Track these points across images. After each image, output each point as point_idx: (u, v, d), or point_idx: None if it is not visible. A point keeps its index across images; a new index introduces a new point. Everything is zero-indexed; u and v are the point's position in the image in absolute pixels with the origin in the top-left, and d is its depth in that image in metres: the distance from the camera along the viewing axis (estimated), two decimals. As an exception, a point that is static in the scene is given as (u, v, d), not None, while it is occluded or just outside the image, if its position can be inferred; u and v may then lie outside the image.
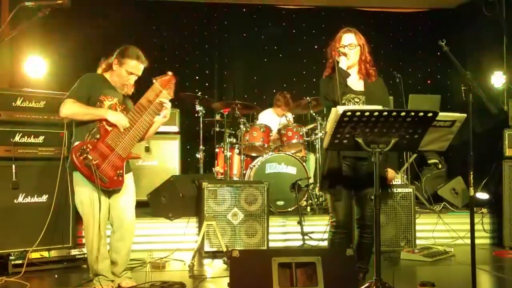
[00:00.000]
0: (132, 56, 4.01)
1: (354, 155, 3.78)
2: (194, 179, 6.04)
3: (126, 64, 4.01)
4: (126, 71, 4.02)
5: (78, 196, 3.99)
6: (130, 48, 4.06)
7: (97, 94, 3.98)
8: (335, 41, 3.94)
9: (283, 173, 6.46)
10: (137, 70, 4.06)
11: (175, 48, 8.21)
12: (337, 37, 3.95)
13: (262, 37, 8.50)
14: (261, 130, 6.75)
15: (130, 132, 3.95)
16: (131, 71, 4.04)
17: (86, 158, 3.75)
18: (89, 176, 3.77)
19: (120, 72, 4.04)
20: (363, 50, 3.95)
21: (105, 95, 4.00)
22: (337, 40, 3.93)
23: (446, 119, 3.34)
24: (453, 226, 6.14)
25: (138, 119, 3.97)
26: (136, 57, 4.02)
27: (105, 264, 4.05)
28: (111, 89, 4.08)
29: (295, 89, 8.11)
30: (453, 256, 5.43)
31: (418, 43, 8.33)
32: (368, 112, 3.26)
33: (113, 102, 4.03)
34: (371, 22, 8.55)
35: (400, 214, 5.67)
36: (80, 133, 3.97)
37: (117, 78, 4.07)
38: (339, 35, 3.95)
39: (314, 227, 5.97)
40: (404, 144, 3.47)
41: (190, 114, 7.18)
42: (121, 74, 4.04)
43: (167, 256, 5.30)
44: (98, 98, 3.97)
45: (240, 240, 5.42)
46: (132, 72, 4.04)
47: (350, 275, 3.09)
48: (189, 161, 7.66)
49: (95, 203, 3.90)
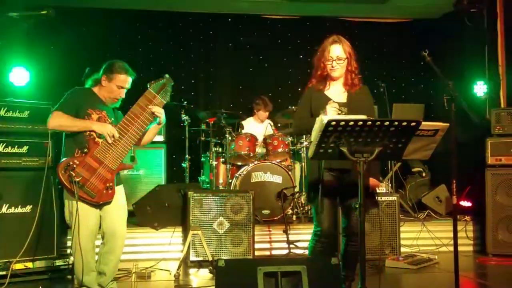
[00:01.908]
0: (121, 71, 4.05)
1: (338, 167, 3.77)
2: (179, 188, 6.02)
3: (115, 79, 4.04)
4: (116, 85, 4.06)
5: (67, 207, 3.99)
6: (117, 62, 4.09)
7: (86, 107, 4.00)
8: (324, 51, 3.88)
9: (269, 182, 6.47)
10: (127, 83, 4.10)
11: (161, 57, 8.20)
12: (325, 47, 3.88)
13: (247, 46, 8.53)
14: (247, 139, 6.76)
15: (121, 142, 3.94)
16: (121, 85, 4.07)
17: (70, 175, 3.74)
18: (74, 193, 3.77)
19: (111, 87, 4.07)
20: (350, 61, 3.92)
21: (93, 109, 4.02)
22: (326, 51, 3.87)
23: (429, 129, 3.38)
24: (437, 233, 6.19)
25: (129, 129, 3.96)
26: (124, 71, 4.06)
27: (91, 276, 4.04)
28: (100, 103, 4.11)
29: (281, 98, 8.17)
30: (437, 264, 5.46)
31: (402, 52, 8.40)
32: (353, 121, 3.29)
33: (101, 115, 4.04)
34: (355, 32, 8.60)
35: (385, 222, 5.70)
36: (69, 146, 3.98)
37: (107, 93, 4.10)
38: (327, 46, 3.87)
39: (300, 236, 5.98)
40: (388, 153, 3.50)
41: (176, 124, 7.17)
42: (111, 89, 4.07)
43: (153, 266, 5.29)
44: (86, 112, 3.98)
45: (226, 249, 5.41)
46: (122, 86, 4.08)
47: (335, 284, 3.10)
48: (175, 170, 7.64)
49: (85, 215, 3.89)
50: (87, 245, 3.96)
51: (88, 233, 3.95)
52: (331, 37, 3.92)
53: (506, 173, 5.90)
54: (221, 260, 3.14)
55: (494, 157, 5.98)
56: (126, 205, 4.20)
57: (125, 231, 4.18)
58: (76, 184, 3.75)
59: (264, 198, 6.30)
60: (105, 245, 4.11)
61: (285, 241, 5.73)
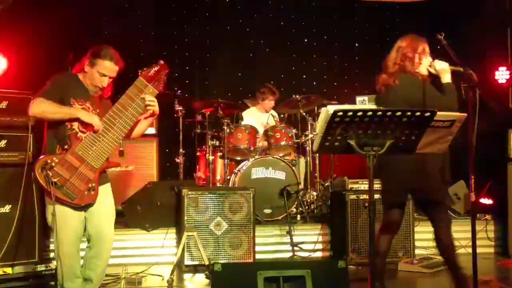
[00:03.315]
0: (105, 57, 3.97)
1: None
2: (173, 186, 6.02)
3: (98, 65, 3.97)
4: (98, 72, 3.97)
5: (49, 209, 3.95)
6: (103, 48, 4.02)
7: (68, 96, 3.94)
8: (420, 49, 4.20)
9: (271, 179, 6.48)
10: (110, 71, 4.01)
11: (152, 42, 8.19)
12: (420, 44, 4.22)
13: (247, 29, 8.53)
14: (247, 131, 6.76)
15: (106, 137, 3.87)
16: (103, 73, 3.98)
17: (47, 175, 3.70)
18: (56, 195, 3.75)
19: (92, 73, 3.99)
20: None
21: (75, 99, 3.96)
22: (422, 49, 4.20)
23: (444, 119, 3.38)
24: (455, 234, 6.07)
25: (116, 122, 3.90)
26: (109, 58, 3.97)
27: (76, 283, 4.02)
28: (84, 91, 4.04)
29: (284, 86, 8.15)
30: (455, 267, 5.48)
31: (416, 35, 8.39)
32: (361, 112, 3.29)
33: (85, 106, 3.99)
34: (365, 14, 8.61)
35: (398, 222, 5.72)
36: (50, 142, 3.95)
37: (89, 80, 4.03)
38: (422, 44, 4.22)
39: (304, 237, 6.01)
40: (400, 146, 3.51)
41: (169, 115, 7.17)
42: (93, 75, 3.99)
43: (144, 271, 5.29)
44: (68, 102, 3.93)
45: (224, 252, 5.42)
46: (104, 73, 3.98)
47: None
48: (168, 166, 7.65)
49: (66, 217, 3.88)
50: (71, 250, 3.95)
51: (71, 238, 3.93)
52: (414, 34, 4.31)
53: (530, 168, 5.91)
54: (218, 264, 3.15)
55: (517, 150, 6.00)
56: (113, 205, 4.18)
57: (113, 234, 4.16)
58: (54, 185, 3.70)
59: (266, 196, 6.31)
60: (91, 249, 4.09)
61: (289, 243, 5.75)
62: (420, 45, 4.20)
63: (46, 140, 4.01)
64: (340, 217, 5.74)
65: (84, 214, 3.99)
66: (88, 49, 4.07)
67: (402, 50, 4.27)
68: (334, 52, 8.68)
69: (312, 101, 7.12)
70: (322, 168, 7.08)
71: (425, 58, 4.16)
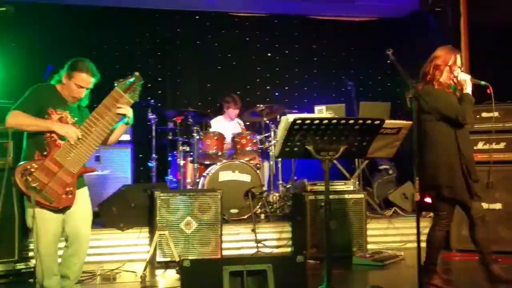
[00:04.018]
0: (82, 69, 3.94)
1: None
2: (146, 188, 5.97)
3: (75, 77, 3.94)
4: (75, 84, 3.94)
5: (29, 212, 3.88)
6: (80, 61, 3.99)
7: (46, 106, 3.89)
8: (449, 60, 4.17)
9: (237, 181, 6.48)
10: (87, 83, 3.98)
11: (127, 55, 8.12)
12: (451, 56, 4.19)
13: (215, 44, 8.51)
14: (215, 138, 6.77)
15: (83, 144, 3.83)
16: (80, 84, 3.95)
17: (27, 180, 3.66)
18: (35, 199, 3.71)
19: (70, 85, 3.96)
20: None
21: (54, 108, 3.90)
22: (454, 60, 4.17)
23: (392, 127, 3.46)
24: (403, 230, 6.29)
25: (92, 130, 3.86)
26: (85, 70, 3.94)
27: (53, 280, 3.96)
28: (62, 101, 3.99)
29: (249, 97, 8.18)
30: (403, 260, 5.54)
31: (369, 51, 8.47)
32: (318, 120, 3.34)
33: (63, 115, 3.94)
34: (323, 30, 8.70)
35: (352, 220, 5.78)
36: (29, 148, 3.90)
37: (67, 91, 3.99)
38: (454, 56, 4.20)
39: (268, 235, 6.02)
40: (353, 151, 3.57)
41: (143, 123, 7.12)
42: (70, 87, 3.96)
43: (118, 268, 5.22)
44: (46, 111, 3.88)
45: (194, 249, 5.40)
46: (81, 85, 3.96)
47: (299, 282, 3.13)
48: (142, 170, 7.59)
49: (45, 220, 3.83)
50: (49, 249, 3.89)
51: (50, 238, 3.88)
52: (448, 46, 4.32)
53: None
54: (186, 260, 3.15)
55: (458, 154, 6.10)
56: (90, 207, 4.13)
57: (89, 234, 4.12)
58: (33, 190, 3.66)
59: (232, 197, 6.29)
60: (68, 248, 4.04)
61: (254, 240, 5.76)
62: (452, 57, 4.20)
63: (26, 146, 3.95)
64: (300, 216, 5.77)
65: (62, 216, 3.94)
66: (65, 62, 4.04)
67: (435, 60, 4.26)
68: (294, 65, 8.74)
69: (275, 110, 7.18)
70: (284, 171, 7.11)
71: (455, 69, 4.17)
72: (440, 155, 4.16)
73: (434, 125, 4.17)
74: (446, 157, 4.13)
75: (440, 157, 4.16)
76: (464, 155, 4.11)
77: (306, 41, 8.70)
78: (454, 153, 4.11)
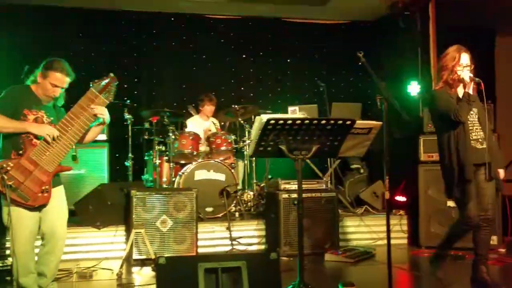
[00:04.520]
0: (56, 69, 3.92)
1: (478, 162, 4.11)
2: (122, 187, 5.93)
3: (49, 77, 3.92)
4: (50, 83, 3.92)
5: (5, 210, 3.86)
6: (55, 61, 3.97)
7: (21, 107, 3.87)
8: (454, 59, 4.12)
9: (212, 180, 6.47)
10: (61, 82, 3.95)
11: (103, 56, 8.04)
12: (455, 55, 4.13)
13: (190, 46, 8.48)
14: (190, 138, 6.74)
15: (59, 143, 3.83)
16: (55, 84, 3.93)
17: (3, 178, 3.63)
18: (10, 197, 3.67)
19: (45, 84, 3.94)
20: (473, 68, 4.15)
21: (29, 109, 3.88)
22: (457, 59, 4.11)
23: (363, 127, 3.49)
24: (374, 227, 6.36)
25: (68, 129, 3.86)
26: (60, 70, 3.93)
27: (30, 278, 3.93)
28: (37, 102, 3.97)
29: (224, 97, 8.15)
30: (374, 256, 5.62)
31: (341, 53, 8.50)
32: (291, 120, 3.36)
33: (39, 115, 3.91)
34: (296, 33, 8.73)
35: (325, 218, 5.82)
36: (5, 148, 3.87)
37: (42, 90, 3.96)
38: (457, 54, 4.13)
39: (242, 232, 6.04)
40: (325, 150, 3.60)
41: (119, 122, 7.05)
42: (45, 87, 3.94)
43: (95, 265, 5.20)
44: (22, 113, 3.85)
45: (169, 247, 5.37)
46: (56, 84, 3.93)
47: (273, 278, 3.14)
48: (118, 169, 7.51)
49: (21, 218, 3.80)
50: (26, 247, 3.87)
51: (26, 236, 3.85)
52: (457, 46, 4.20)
53: (437, 169, 6.01)
54: (162, 258, 3.13)
55: (426, 154, 6.19)
56: (66, 206, 4.11)
57: (65, 232, 4.10)
58: (9, 188, 3.64)
59: (208, 196, 6.28)
60: (45, 246, 4.02)
61: (228, 238, 5.76)
62: (456, 56, 4.16)
63: (2, 146, 3.91)
64: (273, 214, 5.78)
65: (39, 214, 3.91)
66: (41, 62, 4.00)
67: (441, 60, 4.25)
68: (268, 67, 8.76)
69: (249, 110, 7.18)
70: (258, 170, 7.13)
71: (457, 68, 4.13)
72: (442, 155, 4.24)
73: (438, 126, 4.28)
74: (446, 157, 4.17)
75: (442, 157, 4.24)
76: (460, 155, 4.09)
77: (280, 43, 8.73)
78: (453, 152, 4.11)
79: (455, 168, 4.09)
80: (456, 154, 4.09)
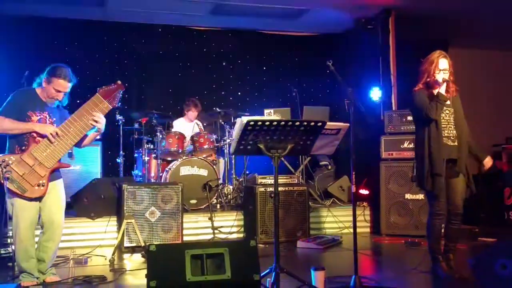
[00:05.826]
0: (59, 76, 3.92)
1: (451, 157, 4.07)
2: (114, 181, 5.89)
3: (53, 82, 3.92)
4: (53, 88, 3.93)
5: (9, 200, 3.86)
6: (59, 67, 3.96)
7: (26, 110, 3.87)
8: (433, 63, 4.07)
9: (196, 175, 6.45)
10: (64, 88, 3.96)
11: (96, 63, 7.93)
12: (434, 60, 4.08)
13: (176, 54, 8.44)
14: (176, 137, 6.72)
15: (60, 142, 3.82)
16: (58, 89, 3.94)
17: (2, 171, 3.62)
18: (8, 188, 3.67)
19: (49, 89, 3.95)
20: (452, 72, 4.11)
21: (33, 111, 3.89)
22: (435, 64, 4.07)
23: (332, 128, 3.52)
24: (341, 218, 6.42)
25: (70, 130, 3.84)
26: (63, 77, 3.93)
27: (31, 263, 3.92)
28: (41, 104, 3.97)
29: (206, 101, 8.13)
30: (341, 243, 5.67)
31: (311, 62, 8.52)
32: (268, 121, 3.37)
33: (42, 116, 3.90)
34: (271, 43, 8.74)
35: (297, 209, 5.86)
36: (11, 144, 3.88)
37: (46, 94, 3.98)
38: (436, 59, 4.08)
39: (223, 222, 6.04)
40: (299, 149, 3.62)
41: (111, 123, 6.96)
42: (49, 91, 3.95)
43: (89, 252, 5.17)
44: (26, 114, 3.86)
45: (157, 235, 5.36)
46: (59, 90, 3.95)
47: (252, 263, 3.15)
48: (110, 165, 7.43)
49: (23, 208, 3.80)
50: (27, 234, 3.86)
51: (27, 224, 3.85)
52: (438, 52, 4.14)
53: (396, 166, 6.21)
54: (152, 245, 3.12)
55: (387, 152, 6.28)
56: (64, 198, 4.10)
57: (63, 221, 4.09)
58: (7, 180, 3.63)
59: (192, 190, 6.27)
60: (44, 234, 4.01)
61: (210, 227, 5.76)
62: (435, 61, 4.09)
63: (8, 142, 3.92)
64: (251, 205, 5.81)
65: (39, 205, 3.92)
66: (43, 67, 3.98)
67: (423, 65, 4.17)
68: (246, 74, 8.76)
69: (229, 113, 7.18)
70: (237, 166, 7.13)
71: (437, 72, 4.06)
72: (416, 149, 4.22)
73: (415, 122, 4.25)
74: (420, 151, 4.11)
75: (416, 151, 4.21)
76: (431, 150, 4.01)
77: (256, 52, 8.73)
78: (426, 147, 4.03)
79: (426, 162, 4.01)
80: (428, 149, 4.02)
